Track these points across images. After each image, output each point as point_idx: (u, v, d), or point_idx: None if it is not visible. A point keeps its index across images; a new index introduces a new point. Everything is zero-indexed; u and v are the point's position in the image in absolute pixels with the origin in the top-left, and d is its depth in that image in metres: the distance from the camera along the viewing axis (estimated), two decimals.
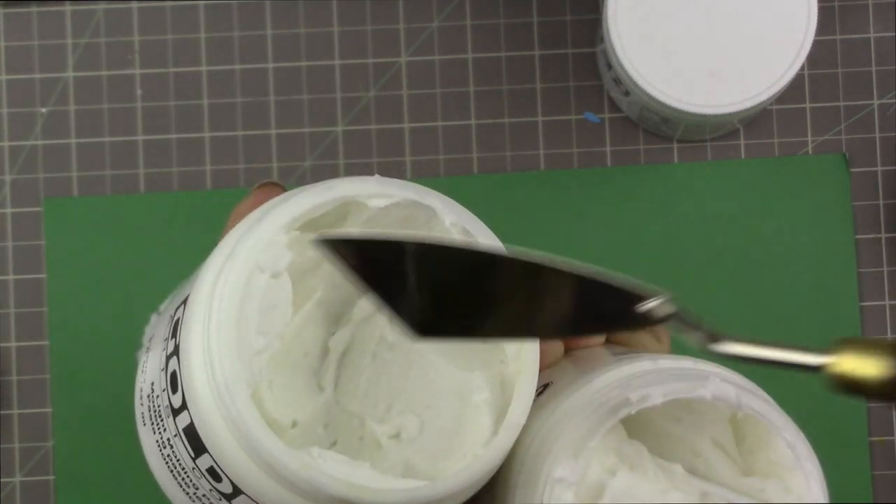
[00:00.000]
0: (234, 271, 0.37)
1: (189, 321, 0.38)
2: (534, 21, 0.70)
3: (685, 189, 0.69)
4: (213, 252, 0.39)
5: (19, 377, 0.69)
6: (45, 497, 0.68)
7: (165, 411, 0.39)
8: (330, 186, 0.39)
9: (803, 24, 0.63)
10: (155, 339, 0.42)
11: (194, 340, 0.37)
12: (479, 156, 0.69)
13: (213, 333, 0.37)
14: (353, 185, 0.39)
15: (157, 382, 0.40)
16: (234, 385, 0.36)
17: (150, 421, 0.41)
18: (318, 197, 0.38)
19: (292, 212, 0.38)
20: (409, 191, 0.39)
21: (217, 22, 0.70)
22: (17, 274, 0.69)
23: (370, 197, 0.39)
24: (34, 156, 0.69)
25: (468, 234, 0.40)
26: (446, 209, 0.40)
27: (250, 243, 0.37)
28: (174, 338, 0.39)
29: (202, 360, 0.37)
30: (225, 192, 0.69)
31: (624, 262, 0.69)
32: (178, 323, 0.39)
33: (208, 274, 0.38)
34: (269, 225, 0.38)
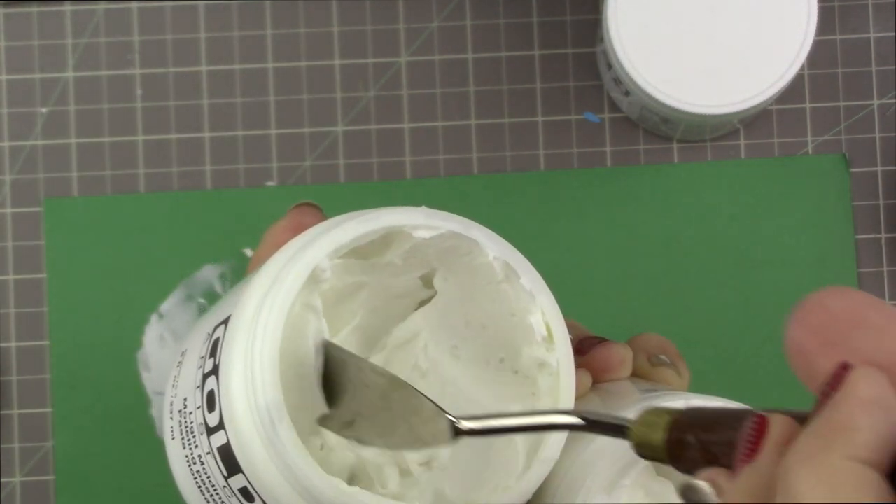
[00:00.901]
0: (280, 297, 0.37)
1: (231, 343, 0.38)
2: (534, 21, 0.70)
3: (685, 189, 0.69)
4: (256, 273, 0.39)
5: (19, 377, 0.69)
6: (45, 497, 0.68)
7: (199, 428, 0.39)
8: (377, 216, 0.39)
9: (803, 24, 0.63)
10: (188, 354, 0.42)
11: (236, 363, 0.37)
12: (479, 156, 0.69)
13: (257, 358, 0.37)
14: (400, 215, 0.39)
15: (192, 399, 0.40)
16: (276, 410, 0.37)
17: (179, 435, 0.41)
18: (365, 226, 0.39)
19: (339, 240, 0.38)
20: (455, 223, 0.40)
21: (217, 22, 0.70)
22: (17, 274, 0.69)
23: (416, 228, 0.39)
24: (34, 156, 0.69)
25: (510, 268, 0.40)
26: (490, 243, 0.40)
27: (297, 269, 0.38)
28: (213, 357, 0.39)
29: (244, 383, 0.37)
30: (225, 192, 0.69)
31: (624, 262, 0.69)
32: (217, 343, 0.39)
33: (252, 296, 0.38)
34: (317, 252, 0.38)
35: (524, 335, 0.40)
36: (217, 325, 0.40)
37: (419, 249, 0.40)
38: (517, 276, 0.40)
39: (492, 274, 0.40)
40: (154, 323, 0.69)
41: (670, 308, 0.69)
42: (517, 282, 0.40)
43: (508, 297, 0.40)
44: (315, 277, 0.38)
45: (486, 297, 0.41)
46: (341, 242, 0.38)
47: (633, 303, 0.69)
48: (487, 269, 0.40)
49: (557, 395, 0.40)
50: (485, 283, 0.41)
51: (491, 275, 0.40)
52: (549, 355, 0.40)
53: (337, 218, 0.40)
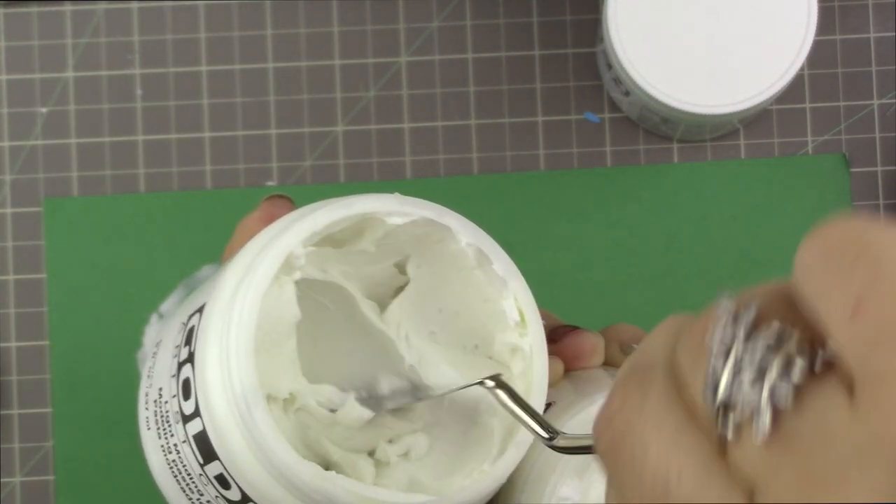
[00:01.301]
0: (255, 283, 0.38)
1: (206, 330, 0.38)
2: (534, 21, 0.70)
3: (685, 189, 0.69)
4: (230, 262, 0.39)
5: (19, 377, 0.69)
6: (45, 497, 0.68)
7: (174, 417, 0.39)
8: (350, 203, 0.39)
9: (803, 24, 0.63)
10: (163, 344, 0.42)
11: (211, 350, 0.38)
12: (479, 156, 0.69)
13: (232, 344, 0.37)
14: (374, 202, 0.40)
15: (167, 388, 0.40)
16: (252, 395, 0.37)
17: (155, 425, 0.41)
18: (339, 213, 0.39)
19: (313, 226, 0.39)
20: (428, 210, 0.40)
21: (217, 22, 0.70)
22: (17, 274, 0.69)
23: (389, 214, 0.39)
24: (34, 156, 0.69)
25: (483, 255, 0.40)
26: (463, 230, 0.40)
27: (271, 255, 0.38)
28: (188, 345, 0.39)
29: (219, 369, 0.37)
30: (225, 192, 0.69)
31: (624, 262, 0.69)
32: (192, 331, 0.39)
33: (227, 284, 0.38)
34: (291, 238, 0.38)
35: (497, 321, 0.41)
36: (192, 314, 0.40)
37: (392, 236, 0.40)
38: (489, 262, 0.40)
39: (464, 260, 0.41)
40: (154, 323, 0.69)
41: (670, 308, 0.69)
42: (489, 268, 0.40)
43: (481, 283, 0.41)
44: (289, 264, 0.38)
45: (460, 284, 0.41)
46: (315, 229, 0.38)
47: (632, 303, 0.69)
48: (460, 256, 0.40)
49: (531, 378, 0.40)
50: (458, 269, 0.41)
51: (464, 261, 0.41)
52: (521, 340, 0.41)
53: (310, 206, 0.40)
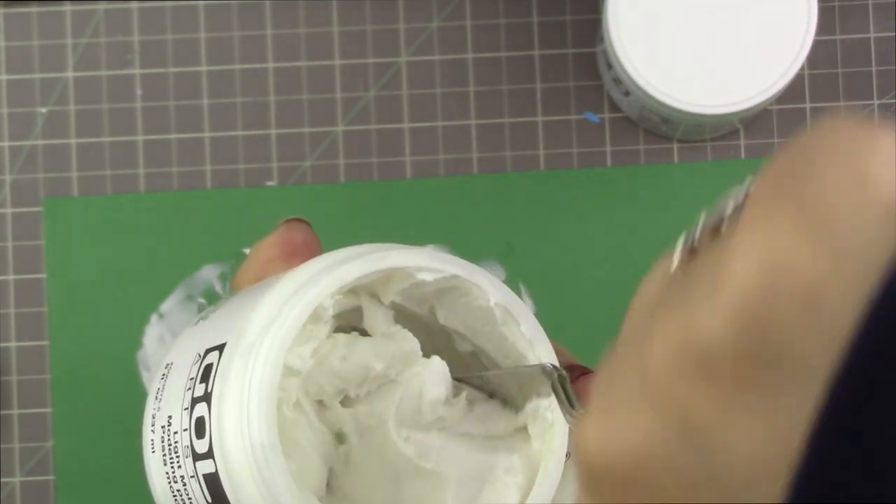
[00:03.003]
0: (282, 332, 0.37)
1: (226, 374, 0.38)
2: (534, 21, 0.70)
3: (685, 189, 0.69)
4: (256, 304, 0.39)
5: (19, 377, 0.69)
6: (45, 497, 0.68)
7: (185, 451, 0.39)
8: (383, 257, 0.39)
9: (803, 24, 0.63)
10: (175, 369, 0.41)
11: (231, 396, 0.37)
12: (479, 156, 0.69)
13: (253, 395, 0.37)
14: (405, 256, 0.40)
15: (177, 419, 0.40)
16: (271, 450, 0.36)
17: (161, 451, 0.41)
18: (370, 266, 0.39)
19: (343, 279, 0.38)
20: (458, 267, 0.40)
21: (217, 22, 0.70)
22: (17, 274, 0.69)
23: (419, 269, 0.40)
24: (34, 156, 0.69)
25: (511, 316, 0.40)
26: (492, 289, 0.40)
27: (300, 306, 0.38)
28: (204, 382, 0.39)
29: (238, 418, 0.37)
30: (225, 192, 0.69)
31: (624, 262, 0.69)
32: (210, 369, 0.39)
33: (252, 328, 0.38)
34: (320, 290, 0.38)
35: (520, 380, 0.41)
36: (210, 349, 0.40)
37: (418, 287, 0.40)
38: (517, 323, 0.40)
39: (491, 317, 0.41)
40: (154, 323, 0.69)
41: None
42: (516, 328, 0.40)
43: (506, 340, 0.41)
44: (316, 316, 0.38)
45: (485, 338, 0.41)
46: (345, 281, 0.38)
47: None
48: (487, 313, 0.41)
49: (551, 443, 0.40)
50: (483, 324, 0.41)
51: (490, 318, 0.41)
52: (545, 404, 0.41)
53: (340, 253, 0.40)
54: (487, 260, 0.69)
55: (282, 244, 0.42)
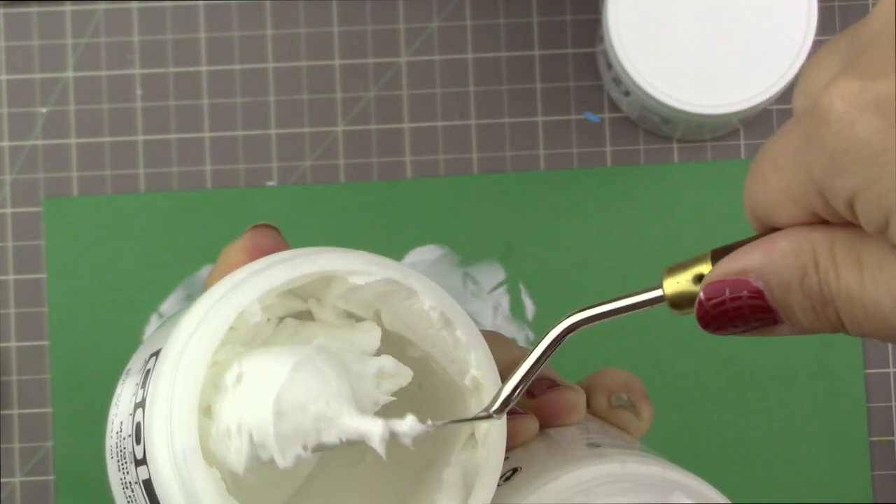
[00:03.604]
0: (203, 342, 0.37)
1: (156, 380, 0.37)
2: (534, 21, 0.70)
3: (685, 189, 0.69)
4: (187, 311, 0.38)
5: (19, 377, 0.69)
6: (45, 497, 0.68)
7: (129, 457, 0.39)
8: (312, 260, 0.38)
9: (803, 24, 0.63)
10: (130, 374, 0.41)
11: (159, 402, 0.37)
12: (479, 156, 0.69)
13: (175, 402, 0.36)
14: (337, 258, 0.39)
15: (126, 425, 0.40)
16: (192, 457, 0.36)
17: (116, 457, 0.41)
18: (298, 270, 0.38)
19: (269, 284, 0.38)
20: (392, 270, 0.39)
21: (217, 22, 0.70)
22: (17, 274, 0.69)
23: (350, 273, 0.39)
24: (34, 156, 0.69)
25: (447, 320, 0.40)
26: (428, 292, 0.40)
27: (224, 311, 0.37)
28: (143, 387, 0.38)
29: (164, 424, 0.37)
30: (225, 192, 0.69)
31: (624, 262, 0.69)
32: (148, 374, 0.38)
33: (181, 333, 0.37)
34: (245, 296, 0.37)
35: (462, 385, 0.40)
36: (151, 355, 0.39)
37: (357, 292, 0.40)
38: (454, 328, 0.40)
39: (429, 321, 0.40)
40: (154, 323, 0.69)
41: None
42: (454, 333, 0.40)
43: (447, 343, 0.40)
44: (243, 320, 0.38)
45: (430, 343, 0.41)
46: (271, 286, 0.37)
47: None
48: (425, 316, 0.40)
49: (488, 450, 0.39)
50: (424, 328, 0.40)
51: (429, 322, 0.40)
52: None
53: (272, 257, 0.39)
54: (487, 260, 0.69)
55: (248, 249, 0.42)
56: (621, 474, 0.40)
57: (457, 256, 0.69)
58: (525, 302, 0.69)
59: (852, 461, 0.68)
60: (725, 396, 0.69)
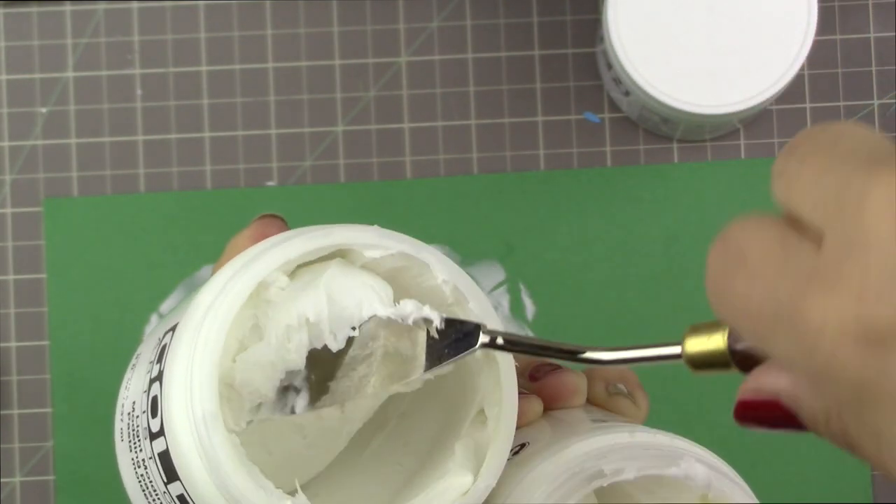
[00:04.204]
0: (224, 308, 0.37)
1: (175, 350, 0.38)
2: (534, 21, 0.70)
3: (685, 189, 0.69)
4: (206, 284, 0.39)
5: (19, 377, 0.69)
6: (45, 497, 0.68)
7: (143, 433, 0.39)
8: (328, 233, 0.39)
9: (803, 24, 0.63)
10: (141, 357, 0.42)
11: (178, 371, 0.37)
12: (479, 156, 0.69)
13: (196, 367, 0.37)
14: (352, 233, 0.39)
15: (139, 403, 0.40)
16: (212, 421, 0.37)
17: (127, 438, 0.41)
18: (315, 242, 0.39)
19: (287, 254, 0.38)
20: (406, 244, 0.40)
21: (217, 22, 0.70)
22: (17, 274, 0.69)
23: (365, 247, 0.39)
24: (34, 156, 0.69)
25: (459, 293, 0.40)
26: (440, 266, 0.40)
27: (243, 280, 0.38)
28: (159, 363, 0.39)
29: (183, 391, 0.37)
30: (225, 192, 0.69)
31: (624, 262, 0.69)
32: (164, 349, 0.39)
33: (199, 306, 0.38)
34: (264, 265, 0.38)
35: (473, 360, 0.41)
36: (167, 332, 0.40)
37: (371, 267, 0.40)
38: (466, 301, 0.40)
39: (442, 296, 0.40)
40: (154, 323, 0.69)
41: (670, 308, 0.69)
42: (466, 306, 0.40)
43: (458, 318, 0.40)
44: (262, 290, 0.38)
45: None
46: (289, 257, 0.38)
47: (633, 302, 0.69)
48: (438, 292, 0.40)
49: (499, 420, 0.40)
50: (436, 304, 0.41)
51: (441, 297, 0.40)
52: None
53: (289, 232, 0.40)
54: (487, 260, 0.69)
55: (256, 237, 0.43)
56: (631, 443, 0.41)
57: (457, 256, 0.69)
58: (525, 302, 0.69)
59: (852, 461, 0.68)
60: (725, 396, 0.69)
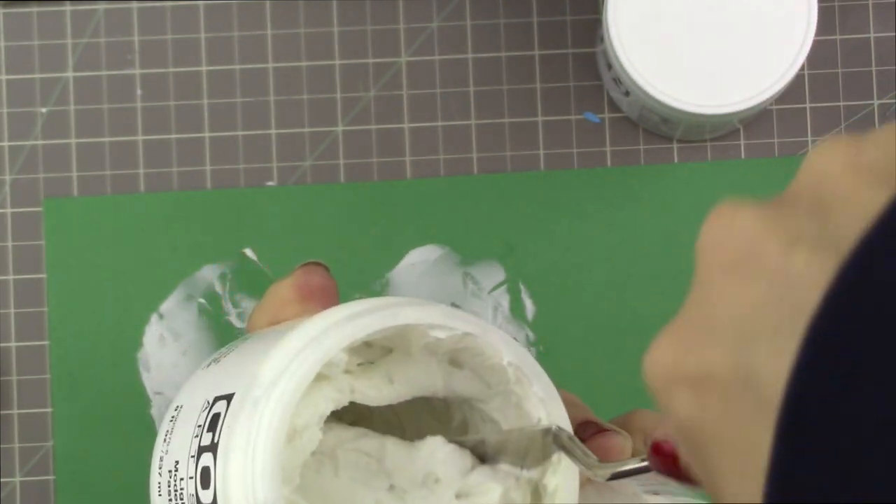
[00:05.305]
0: (289, 391, 0.37)
1: (233, 427, 0.37)
2: (534, 21, 0.70)
3: (685, 189, 0.69)
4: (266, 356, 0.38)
5: (19, 377, 0.69)
6: (45, 497, 0.68)
7: (189, 499, 0.39)
8: (396, 313, 0.39)
9: (803, 24, 0.63)
10: (184, 412, 0.41)
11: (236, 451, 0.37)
12: (479, 156, 0.69)
13: (259, 452, 0.36)
14: (419, 312, 0.39)
15: (184, 465, 0.39)
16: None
17: (167, 495, 0.40)
18: (382, 322, 0.38)
19: (355, 334, 0.38)
20: (472, 325, 0.40)
21: (217, 22, 0.70)
22: (17, 274, 0.69)
23: (432, 327, 0.39)
24: (34, 156, 0.69)
25: (524, 376, 0.40)
26: (506, 348, 0.40)
27: (310, 361, 0.37)
28: (211, 432, 0.38)
29: (242, 473, 0.36)
30: (225, 192, 0.69)
31: (624, 262, 0.69)
32: (217, 418, 0.38)
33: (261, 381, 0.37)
34: (330, 346, 0.38)
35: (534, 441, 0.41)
36: (218, 398, 0.39)
37: (434, 346, 0.40)
38: (530, 384, 0.40)
39: (504, 376, 0.40)
40: (154, 323, 0.69)
41: (670, 308, 0.69)
42: (529, 388, 0.40)
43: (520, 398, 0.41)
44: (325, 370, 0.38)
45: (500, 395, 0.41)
46: (356, 337, 0.38)
47: (632, 303, 0.69)
48: (500, 371, 0.40)
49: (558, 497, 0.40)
50: (496, 382, 0.41)
51: (503, 377, 0.40)
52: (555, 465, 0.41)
53: (354, 306, 0.39)
54: (487, 260, 0.69)
55: (298, 287, 0.42)
56: None
57: (457, 256, 0.69)
58: (525, 302, 0.69)
59: None
60: None
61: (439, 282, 0.69)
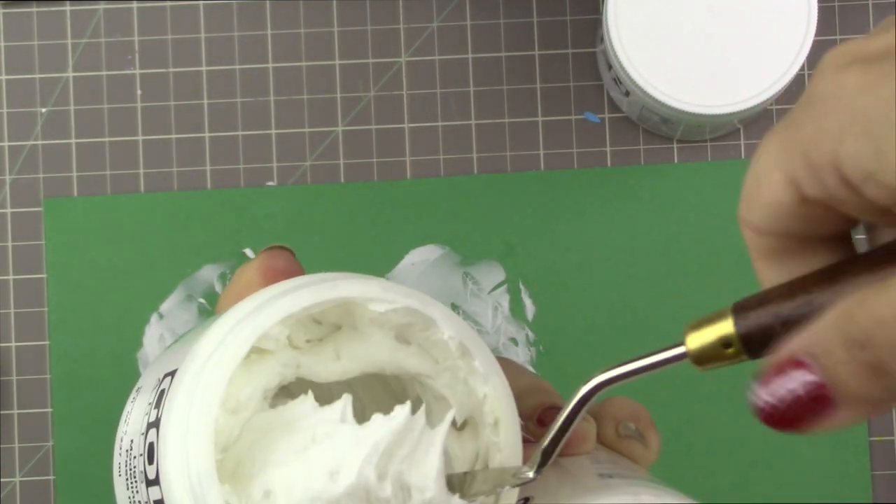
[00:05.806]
0: (223, 362, 0.37)
1: (172, 401, 0.37)
2: (534, 21, 0.70)
3: (685, 189, 0.69)
4: (207, 330, 0.38)
5: (19, 377, 0.69)
6: (45, 497, 0.68)
7: (140, 476, 0.39)
8: (333, 286, 0.38)
9: (803, 24, 0.63)
10: (141, 393, 0.41)
11: (174, 424, 0.37)
12: (479, 156, 0.69)
13: (193, 423, 0.36)
14: (357, 285, 0.39)
15: (136, 444, 0.39)
16: (208, 480, 0.36)
17: (124, 475, 0.40)
18: (318, 296, 0.38)
19: (291, 308, 0.38)
20: (412, 299, 0.39)
21: (217, 22, 0.70)
22: (17, 274, 0.69)
23: (370, 301, 0.39)
24: (34, 156, 0.69)
25: (466, 350, 0.40)
26: (447, 322, 0.40)
27: (244, 334, 0.37)
28: (157, 408, 0.38)
29: (180, 445, 0.36)
30: (225, 192, 0.69)
31: (624, 262, 0.69)
32: (163, 394, 0.38)
33: (199, 355, 0.37)
34: (265, 319, 0.37)
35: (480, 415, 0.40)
36: (166, 374, 0.39)
37: (377, 321, 0.40)
38: (472, 357, 0.40)
39: (448, 352, 0.40)
40: (154, 323, 0.69)
41: (670, 308, 0.69)
42: (471, 362, 0.40)
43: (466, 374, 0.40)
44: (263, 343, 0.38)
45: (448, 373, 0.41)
46: (291, 311, 0.38)
47: (633, 303, 0.69)
48: (443, 347, 0.40)
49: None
50: (441, 358, 0.40)
51: (447, 352, 0.40)
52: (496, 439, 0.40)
53: (294, 281, 0.39)
54: (487, 260, 0.69)
55: (262, 270, 0.42)
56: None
57: (457, 256, 0.69)
58: (525, 302, 0.69)
59: (852, 461, 0.68)
60: (725, 396, 0.69)
61: (439, 282, 0.69)
